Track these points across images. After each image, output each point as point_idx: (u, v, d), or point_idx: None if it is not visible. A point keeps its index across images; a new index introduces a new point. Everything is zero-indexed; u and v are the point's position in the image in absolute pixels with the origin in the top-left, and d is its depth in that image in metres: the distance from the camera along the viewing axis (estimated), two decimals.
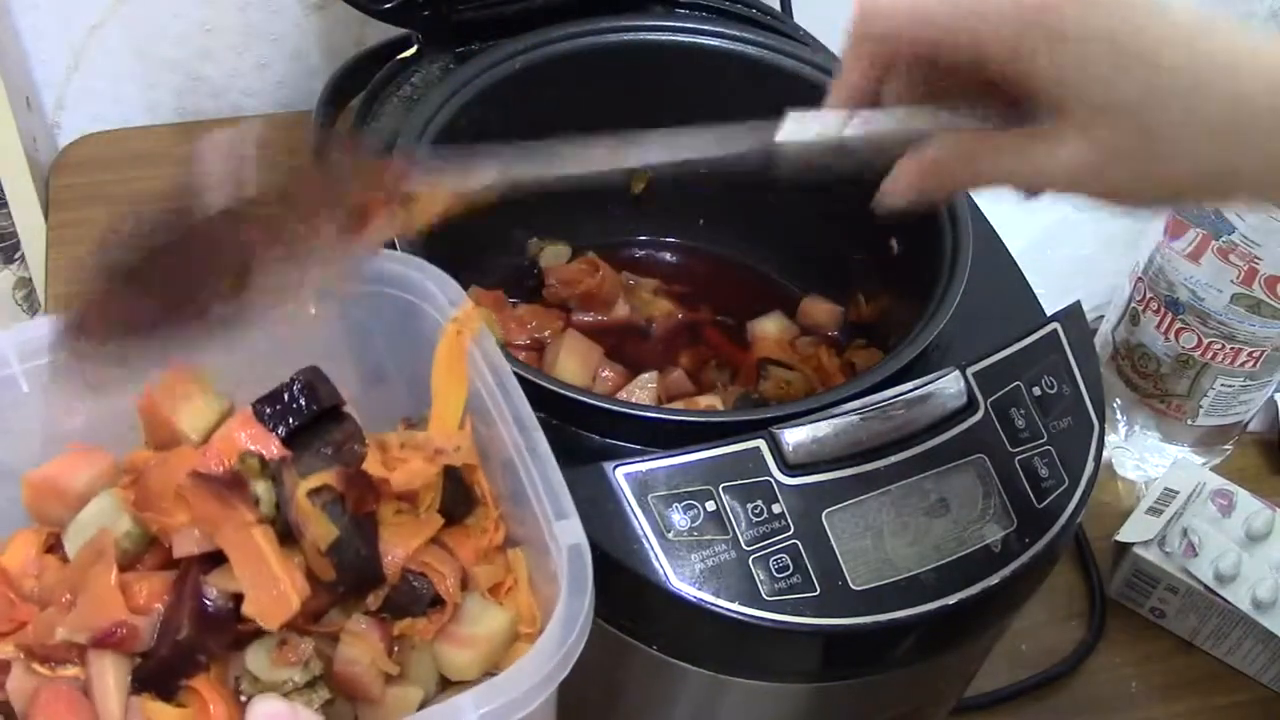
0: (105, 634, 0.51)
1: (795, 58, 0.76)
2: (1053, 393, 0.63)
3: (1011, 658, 0.82)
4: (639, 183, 0.83)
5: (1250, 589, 0.80)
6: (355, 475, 0.53)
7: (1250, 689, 0.84)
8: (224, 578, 0.52)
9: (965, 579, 0.58)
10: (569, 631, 0.48)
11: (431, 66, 0.78)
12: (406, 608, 0.54)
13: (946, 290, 0.65)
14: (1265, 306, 0.78)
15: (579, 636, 0.49)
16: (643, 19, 0.77)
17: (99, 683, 0.51)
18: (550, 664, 0.48)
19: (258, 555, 0.51)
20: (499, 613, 0.55)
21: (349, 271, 0.55)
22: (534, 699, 0.47)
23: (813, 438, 0.58)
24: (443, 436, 0.56)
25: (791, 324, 0.81)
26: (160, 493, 0.53)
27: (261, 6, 1.02)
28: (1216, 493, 0.84)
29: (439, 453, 0.55)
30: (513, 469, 0.54)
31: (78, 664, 0.52)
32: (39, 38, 0.99)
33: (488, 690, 0.47)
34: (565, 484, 0.52)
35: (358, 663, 0.53)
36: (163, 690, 0.52)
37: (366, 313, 0.60)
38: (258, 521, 0.52)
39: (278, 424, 0.55)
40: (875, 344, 0.78)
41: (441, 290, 0.58)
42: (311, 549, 0.52)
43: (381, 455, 0.55)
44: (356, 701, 0.53)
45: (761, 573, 0.56)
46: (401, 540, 0.54)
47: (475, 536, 0.57)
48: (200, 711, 0.51)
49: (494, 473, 0.57)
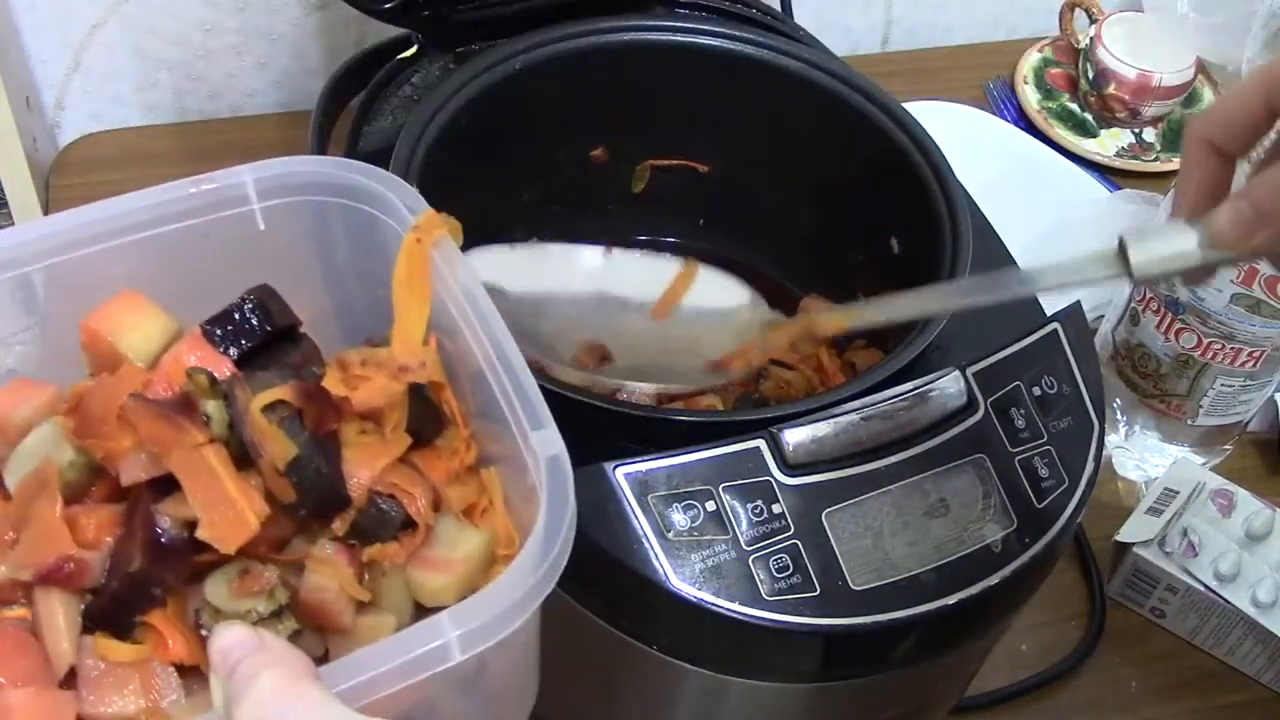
0: (52, 570, 0.49)
1: (795, 58, 0.76)
2: (1053, 393, 0.63)
3: (1011, 658, 0.82)
4: (639, 183, 0.83)
5: (1250, 589, 0.80)
6: (314, 390, 0.50)
7: (1250, 689, 0.84)
8: (176, 505, 0.49)
9: (965, 579, 0.58)
10: (550, 546, 0.46)
11: (431, 66, 0.78)
12: (375, 532, 0.52)
13: None
14: (1265, 306, 0.78)
15: (561, 550, 0.46)
16: (643, 19, 0.77)
17: (48, 622, 0.49)
18: (533, 579, 0.46)
19: (210, 476, 0.48)
20: (474, 534, 0.52)
21: None
22: (515, 617, 0.45)
23: (813, 438, 0.58)
24: (406, 353, 0.53)
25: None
26: (103, 417, 0.50)
27: (261, 6, 1.02)
28: (1216, 493, 0.84)
29: (403, 370, 0.52)
30: (484, 382, 0.51)
31: (24, 604, 0.50)
32: (39, 38, 0.99)
33: (467, 609, 0.45)
34: (541, 395, 0.50)
35: (326, 589, 0.50)
36: (117, 627, 0.49)
37: (323, 226, 0.57)
38: (209, 441, 0.49)
39: (229, 345, 0.52)
40: (875, 344, 0.78)
41: (401, 199, 0.55)
42: (269, 470, 0.49)
43: (342, 374, 0.52)
44: (326, 632, 0.51)
45: (761, 573, 0.56)
46: (366, 461, 0.51)
47: (445, 457, 0.54)
48: (158, 647, 0.49)
49: (463, 390, 0.54)
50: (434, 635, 0.44)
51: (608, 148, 0.81)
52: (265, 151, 0.59)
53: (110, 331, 0.54)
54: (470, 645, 0.44)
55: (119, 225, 0.55)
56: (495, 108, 0.73)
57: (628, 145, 0.81)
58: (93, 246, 0.55)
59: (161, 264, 0.56)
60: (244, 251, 0.57)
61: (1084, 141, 1.14)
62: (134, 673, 0.49)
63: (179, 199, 0.56)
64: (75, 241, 0.55)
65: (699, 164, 0.82)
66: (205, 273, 0.56)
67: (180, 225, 0.56)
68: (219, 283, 0.54)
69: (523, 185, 0.79)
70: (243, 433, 0.50)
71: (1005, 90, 1.19)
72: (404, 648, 0.44)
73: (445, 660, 0.44)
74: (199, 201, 0.56)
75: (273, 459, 0.49)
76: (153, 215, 0.55)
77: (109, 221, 0.55)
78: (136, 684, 0.48)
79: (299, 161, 0.57)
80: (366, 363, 0.53)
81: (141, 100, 1.05)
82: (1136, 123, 1.15)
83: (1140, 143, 1.15)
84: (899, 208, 0.73)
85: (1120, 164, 1.13)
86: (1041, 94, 1.17)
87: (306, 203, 0.57)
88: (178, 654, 0.49)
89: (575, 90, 0.76)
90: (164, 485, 0.50)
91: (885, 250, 0.76)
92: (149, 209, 0.55)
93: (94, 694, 0.48)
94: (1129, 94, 1.13)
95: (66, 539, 0.49)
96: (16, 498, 0.52)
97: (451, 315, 0.53)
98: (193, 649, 0.49)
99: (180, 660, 0.49)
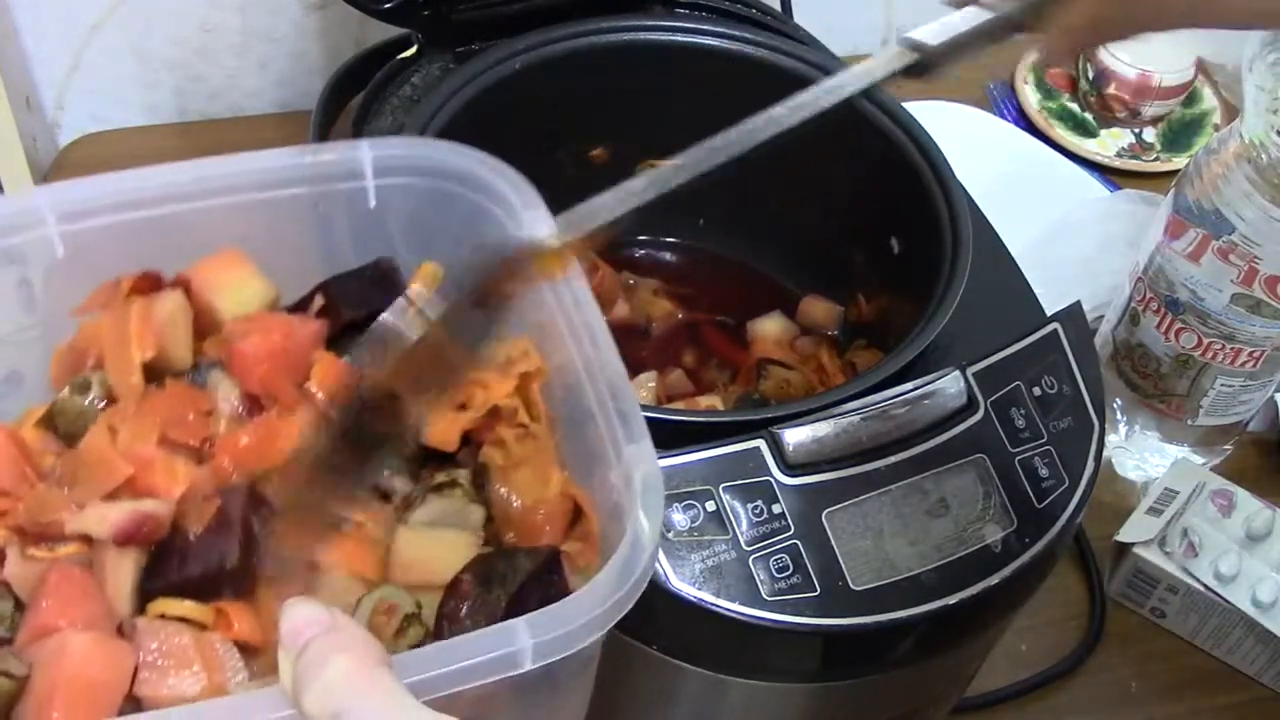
0: (129, 530, 0.48)
1: (795, 58, 0.76)
2: (1053, 393, 0.63)
3: (1011, 658, 0.82)
4: None
5: (1250, 589, 0.80)
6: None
7: (1250, 689, 0.84)
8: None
9: (965, 579, 0.58)
10: (632, 567, 0.44)
11: (431, 66, 0.78)
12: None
13: (946, 290, 0.65)
14: (1265, 306, 0.78)
15: (643, 575, 0.45)
16: (643, 19, 0.77)
17: (114, 577, 0.48)
18: (613, 598, 0.44)
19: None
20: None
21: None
22: (590, 633, 0.44)
23: (813, 438, 0.58)
24: (508, 347, 0.53)
25: (791, 324, 0.81)
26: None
27: (261, 6, 1.02)
28: (1216, 493, 0.84)
29: (509, 363, 0.53)
30: (577, 390, 0.50)
31: (75, 541, 0.49)
32: (39, 38, 0.99)
33: (544, 618, 0.43)
34: (639, 409, 0.48)
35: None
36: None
37: (430, 210, 0.56)
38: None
39: (354, 305, 0.53)
40: (875, 344, 0.78)
41: (515, 193, 0.54)
42: None
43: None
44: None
45: (762, 573, 0.56)
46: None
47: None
48: (221, 623, 0.48)
49: (554, 397, 0.54)
50: (508, 641, 0.43)
51: (608, 148, 0.81)
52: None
53: (208, 288, 0.54)
54: (542, 655, 0.43)
55: (227, 184, 0.54)
56: (495, 108, 0.73)
57: (628, 145, 0.81)
58: (200, 201, 0.54)
59: (267, 229, 0.55)
60: (351, 227, 0.56)
61: (1084, 141, 1.14)
62: (197, 655, 0.47)
63: (292, 165, 0.55)
64: (183, 194, 0.54)
65: None
66: (307, 245, 0.55)
67: (289, 192, 0.55)
68: (318, 257, 0.54)
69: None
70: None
71: (1005, 90, 1.19)
72: (477, 649, 0.42)
73: (516, 667, 0.43)
74: (312, 171, 0.55)
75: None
76: (263, 178, 0.55)
77: (218, 179, 0.54)
78: (199, 663, 0.47)
79: (419, 143, 0.57)
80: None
81: (142, 100, 1.05)
82: (1136, 123, 1.15)
83: (1140, 143, 1.15)
84: (899, 208, 0.73)
85: (1120, 164, 1.13)
86: (1041, 94, 1.17)
87: (420, 185, 0.56)
88: (243, 633, 0.48)
89: (575, 90, 0.76)
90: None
91: (885, 250, 0.76)
92: (260, 171, 0.55)
93: (154, 674, 0.46)
94: (1129, 94, 1.13)
95: (120, 466, 0.49)
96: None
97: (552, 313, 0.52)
98: (260, 629, 0.48)
99: (244, 640, 0.48)
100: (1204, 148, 0.80)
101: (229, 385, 0.53)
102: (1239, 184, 0.76)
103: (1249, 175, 0.75)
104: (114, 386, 0.53)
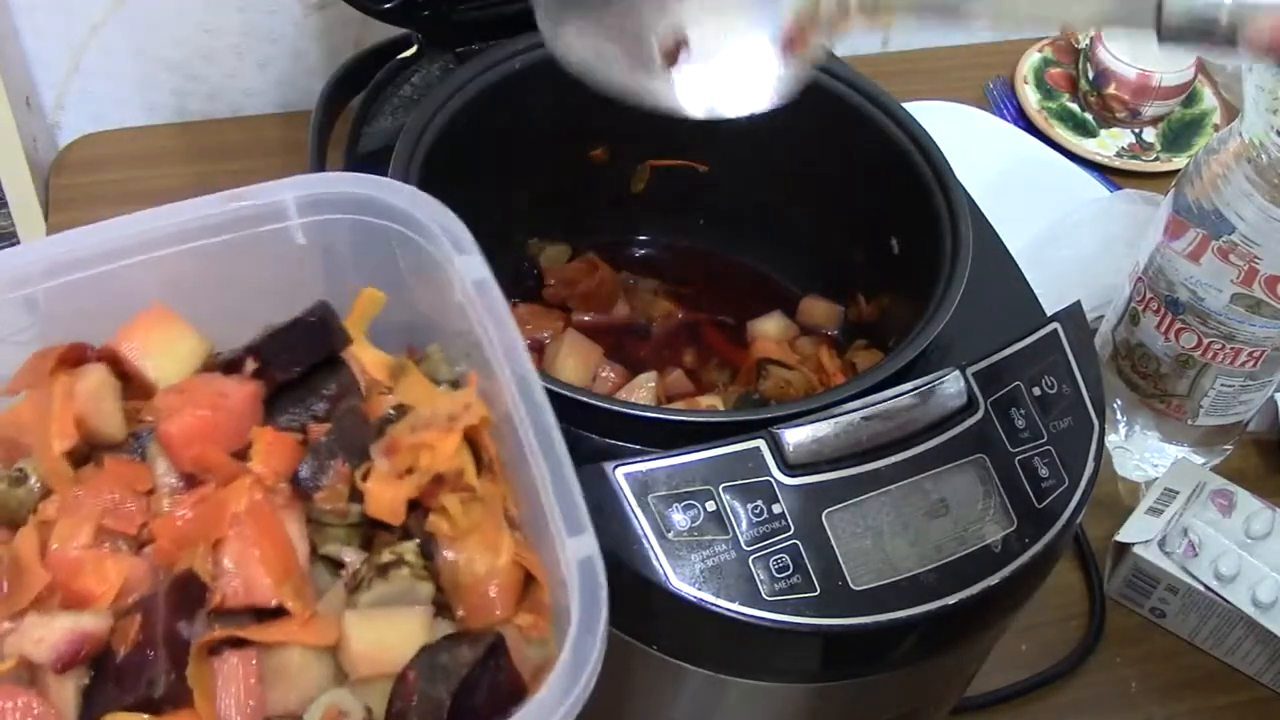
0: (67, 655, 0.46)
1: None
2: (1053, 393, 0.63)
3: (1011, 658, 0.82)
4: (639, 183, 0.83)
5: (1250, 589, 0.80)
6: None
7: (1250, 689, 0.84)
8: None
9: (965, 579, 0.58)
10: (576, 677, 0.44)
11: (431, 66, 0.78)
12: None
13: (946, 290, 0.65)
14: (1265, 306, 0.78)
15: (586, 684, 0.45)
16: None
17: (58, 700, 0.47)
18: (561, 708, 0.44)
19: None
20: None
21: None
22: None
23: (813, 438, 0.58)
24: (449, 401, 0.53)
25: (791, 324, 0.81)
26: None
27: (261, 6, 1.02)
28: (1216, 493, 0.84)
29: (452, 419, 0.52)
30: (512, 435, 0.50)
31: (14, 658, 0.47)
32: (39, 38, 0.99)
33: None
34: (580, 494, 0.48)
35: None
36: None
37: (360, 242, 0.56)
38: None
39: (287, 365, 0.51)
40: (875, 344, 0.78)
41: (441, 226, 0.54)
42: None
43: (393, 459, 0.51)
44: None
45: (761, 573, 0.56)
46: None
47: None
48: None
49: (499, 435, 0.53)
50: None
51: (608, 148, 0.81)
52: (265, 151, 0.59)
53: (137, 353, 0.52)
54: None
55: (148, 239, 0.53)
56: (495, 108, 0.73)
57: (627, 145, 0.81)
58: (121, 260, 0.53)
59: (191, 280, 0.54)
60: (281, 267, 0.55)
61: (1084, 141, 1.14)
62: None
63: (213, 214, 0.54)
64: (97, 256, 0.53)
65: (699, 164, 0.82)
66: (239, 289, 0.54)
67: (215, 240, 0.54)
68: (254, 299, 0.53)
69: (523, 185, 0.79)
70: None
71: (1005, 90, 1.19)
72: None
73: None
74: (234, 216, 0.54)
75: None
76: (182, 229, 0.54)
77: (138, 235, 0.53)
78: None
79: (339, 179, 0.56)
80: (415, 429, 0.52)
81: (142, 100, 1.05)
82: (1136, 123, 1.15)
83: (1140, 143, 1.15)
84: (899, 208, 0.73)
85: (1120, 164, 1.13)
86: (1041, 94, 1.17)
87: (346, 220, 0.56)
88: None
89: (575, 90, 0.76)
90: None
91: (885, 250, 0.76)
92: (183, 223, 0.53)
93: None
94: (1129, 94, 1.13)
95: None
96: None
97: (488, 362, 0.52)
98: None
99: None
100: (1204, 148, 0.80)
101: (166, 461, 0.52)
102: (1239, 184, 0.76)
103: (1249, 175, 0.75)
104: (43, 476, 0.51)
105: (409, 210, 0.55)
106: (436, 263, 0.54)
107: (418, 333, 0.57)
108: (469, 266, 0.54)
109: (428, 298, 0.55)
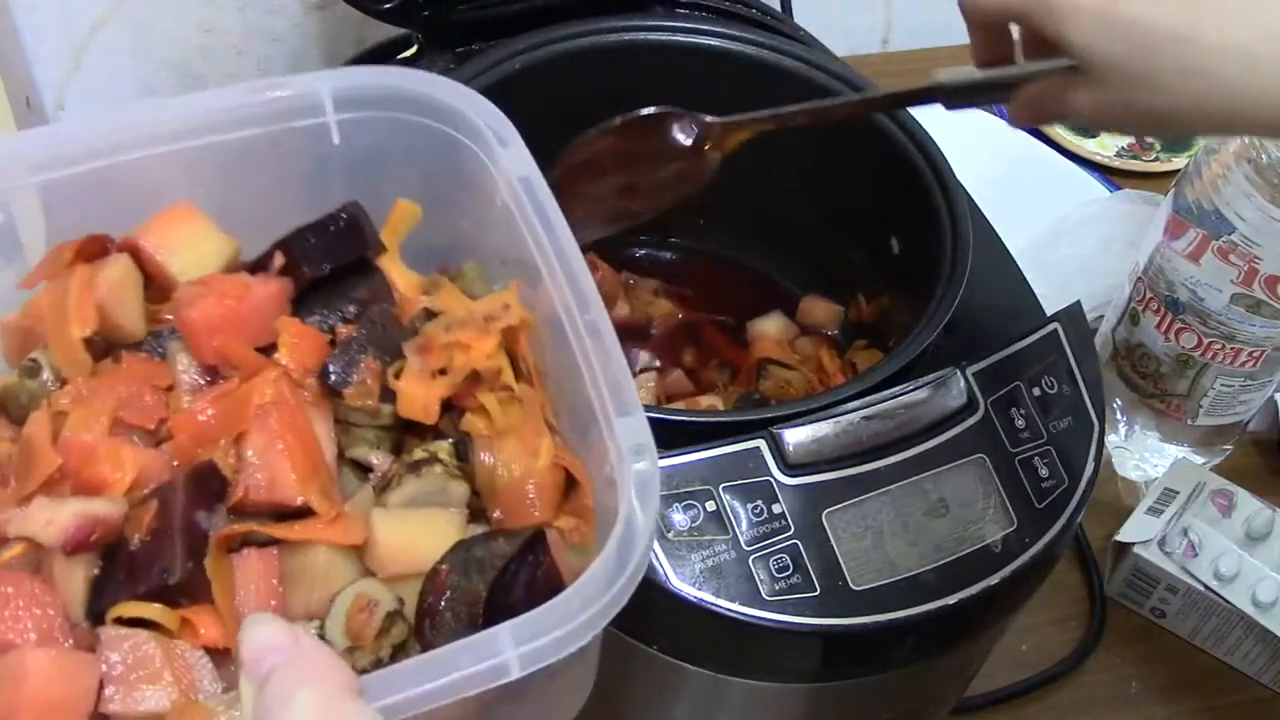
0: (77, 538, 0.43)
1: (795, 58, 0.76)
2: (1053, 393, 0.63)
3: (1011, 658, 0.82)
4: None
5: (1250, 589, 0.80)
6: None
7: (1250, 689, 0.84)
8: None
9: (965, 579, 0.58)
10: (625, 561, 0.41)
11: (431, 66, 0.78)
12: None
13: (946, 290, 0.65)
14: (1265, 306, 0.78)
15: (637, 568, 0.41)
16: (643, 19, 0.77)
17: (65, 585, 0.44)
18: (605, 596, 0.41)
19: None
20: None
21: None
22: (581, 637, 0.41)
23: (813, 437, 0.58)
24: (488, 302, 0.50)
25: (791, 324, 0.81)
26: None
27: (261, 6, 1.02)
28: (1216, 493, 0.84)
29: (489, 319, 0.48)
30: (562, 344, 0.46)
31: (21, 542, 0.45)
32: (39, 38, 0.99)
33: (529, 623, 0.40)
34: (630, 377, 0.44)
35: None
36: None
37: (400, 144, 0.51)
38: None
39: (316, 262, 0.49)
40: (875, 344, 0.78)
41: (488, 124, 0.50)
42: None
43: (425, 358, 0.48)
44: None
45: (761, 573, 0.56)
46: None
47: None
48: (187, 630, 0.44)
49: (541, 346, 0.50)
50: (492, 651, 0.40)
51: None
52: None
53: (160, 249, 0.49)
54: (530, 663, 0.40)
55: (173, 129, 0.49)
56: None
57: None
58: (143, 150, 0.49)
59: (211, 180, 0.50)
60: (313, 168, 0.51)
61: (1084, 141, 1.14)
62: (165, 665, 0.43)
63: (246, 104, 0.50)
64: (121, 144, 0.48)
65: None
66: (267, 189, 0.50)
67: (244, 134, 0.50)
68: (281, 202, 0.49)
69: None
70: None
71: None
72: (458, 662, 0.39)
73: (502, 676, 0.40)
74: (268, 109, 0.50)
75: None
76: (214, 120, 0.49)
77: (162, 125, 0.49)
78: (168, 676, 0.43)
79: (380, 72, 0.52)
80: (450, 329, 0.49)
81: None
82: None
83: (1140, 143, 1.15)
84: (899, 208, 0.73)
85: (1120, 164, 1.13)
86: None
87: (385, 119, 0.51)
88: (211, 638, 0.44)
89: (575, 90, 0.76)
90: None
91: (885, 250, 0.76)
92: (211, 113, 0.49)
93: (121, 689, 0.42)
94: None
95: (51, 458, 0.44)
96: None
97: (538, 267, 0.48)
98: (228, 632, 0.44)
99: (214, 645, 0.44)
100: (1204, 148, 0.80)
101: (187, 356, 0.49)
102: (1239, 184, 0.76)
103: (1249, 175, 0.75)
104: (59, 367, 0.48)
105: (454, 104, 0.51)
106: (481, 165, 0.50)
107: (454, 254, 0.53)
108: (516, 161, 0.50)
109: (467, 208, 0.51)
